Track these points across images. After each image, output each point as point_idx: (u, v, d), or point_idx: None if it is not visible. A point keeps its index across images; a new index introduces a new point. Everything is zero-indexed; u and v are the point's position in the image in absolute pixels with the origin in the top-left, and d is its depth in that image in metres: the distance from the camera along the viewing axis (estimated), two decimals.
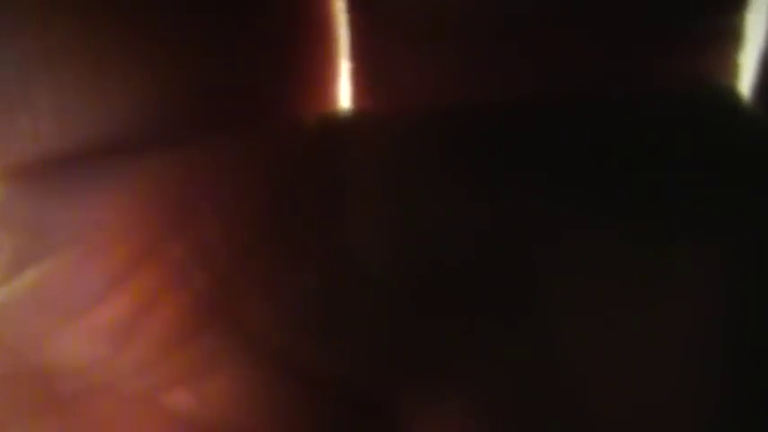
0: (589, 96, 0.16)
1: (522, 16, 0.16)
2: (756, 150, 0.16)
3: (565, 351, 0.15)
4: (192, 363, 0.15)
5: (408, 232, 0.15)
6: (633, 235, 0.15)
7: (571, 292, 0.15)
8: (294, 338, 0.15)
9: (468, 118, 0.16)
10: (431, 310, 0.15)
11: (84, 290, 0.15)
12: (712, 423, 0.15)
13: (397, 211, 0.16)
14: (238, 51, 0.16)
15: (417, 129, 0.16)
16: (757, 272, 0.15)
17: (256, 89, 0.16)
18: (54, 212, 0.16)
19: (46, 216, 0.16)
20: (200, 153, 0.16)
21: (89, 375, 0.15)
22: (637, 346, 0.15)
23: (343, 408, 0.15)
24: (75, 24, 0.15)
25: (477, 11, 0.16)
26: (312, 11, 0.17)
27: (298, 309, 0.15)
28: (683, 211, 0.15)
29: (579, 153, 0.16)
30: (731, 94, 0.17)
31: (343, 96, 0.17)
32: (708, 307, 0.15)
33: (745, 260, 0.15)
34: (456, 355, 0.15)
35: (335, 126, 0.17)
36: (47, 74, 0.15)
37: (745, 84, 0.17)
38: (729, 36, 0.17)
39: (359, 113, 0.17)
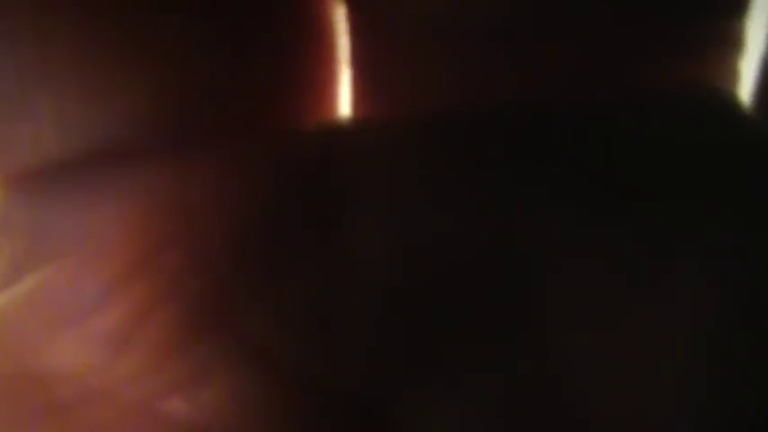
0: (588, 99, 0.16)
1: (521, 20, 0.16)
2: (755, 154, 0.16)
3: (564, 353, 0.15)
4: (189, 369, 0.15)
5: (407, 237, 0.15)
6: (632, 239, 0.15)
7: (570, 294, 0.15)
8: (291, 344, 0.15)
9: (469, 123, 0.16)
10: (429, 313, 0.15)
11: (82, 296, 0.15)
12: (711, 425, 0.15)
13: (397, 216, 0.16)
14: (239, 58, 0.16)
15: (417, 134, 0.16)
16: (757, 274, 0.15)
17: (257, 96, 0.16)
18: (54, 219, 0.16)
19: (45, 223, 0.16)
20: (199, 160, 0.16)
21: (86, 381, 0.15)
22: (637, 349, 0.15)
23: (340, 412, 0.15)
24: (74, 32, 0.15)
25: (476, 17, 0.16)
26: (312, 18, 0.17)
27: (294, 314, 0.15)
28: (683, 215, 0.15)
29: (578, 158, 0.16)
30: (731, 98, 0.17)
31: (344, 103, 0.17)
32: (707, 309, 0.15)
33: (744, 264, 0.15)
34: (454, 357, 0.15)
35: (335, 132, 0.17)
36: (47, 82, 0.15)
37: (745, 89, 0.17)
38: (729, 41, 0.17)
39: (359, 120, 0.17)
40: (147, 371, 0.15)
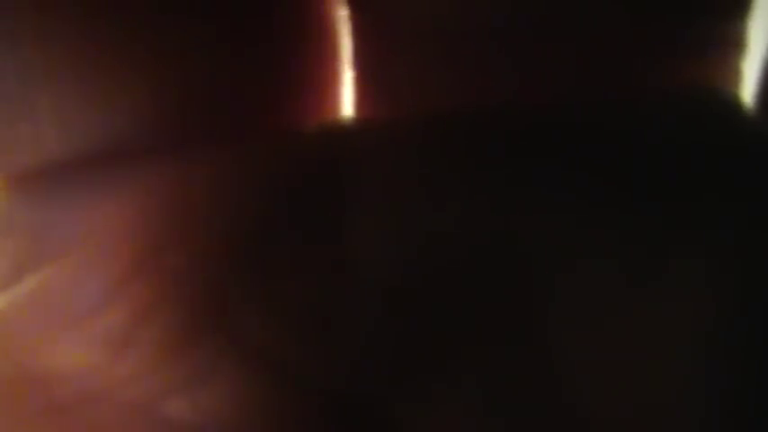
0: (589, 100, 0.16)
1: (522, 21, 0.16)
2: (756, 155, 0.16)
3: (564, 353, 0.15)
4: (189, 370, 0.15)
5: (408, 238, 0.15)
6: (633, 239, 0.15)
7: (571, 294, 0.15)
8: (290, 344, 0.15)
9: (470, 123, 0.16)
10: (429, 313, 0.15)
11: (83, 297, 0.15)
12: (711, 425, 0.15)
13: (397, 216, 0.15)
14: (240, 58, 0.16)
15: (419, 135, 0.16)
16: (758, 275, 0.15)
17: (258, 96, 0.16)
18: (55, 220, 0.16)
19: (47, 223, 0.16)
20: (200, 161, 0.16)
21: (87, 382, 0.15)
22: (637, 349, 0.15)
23: (340, 412, 0.15)
24: (74, 33, 0.15)
25: (478, 17, 0.16)
26: (314, 18, 0.17)
27: (294, 315, 0.15)
28: (683, 215, 0.15)
29: (579, 158, 0.16)
30: (732, 99, 0.17)
31: (346, 103, 0.17)
32: (707, 310, 0.15)
33: (745, 264, 0.15)
34: (454, 357, 0.15)
35: (337, 132, 0.17)
36: (47, 83, 0.15)
37: (748, 90, 0.17)
38: (731, 41, 0.17)
39: (361, 121, 0.17)
40: (148, 372, 0.15)
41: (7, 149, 0.16)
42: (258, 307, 0.15)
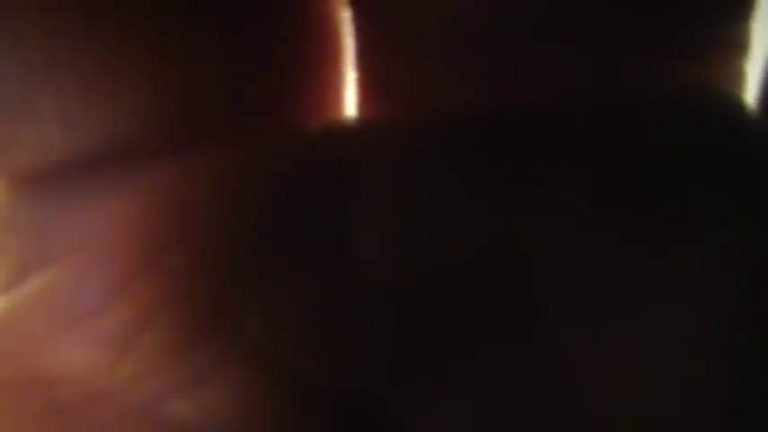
0: (591, 101, 0.16)
1: (525, 23, 0.16)
2: (758, 157, 0.16)
3: (565, 353, 0.15)
4: (191, 371, 0.15)
5: (409, 239, 0.15)
6: (634, 240, 0.15)
7: (572, 294, 0.15)
8: (291, 344, 0.15)
9: (472, 125, 0.16)
10: (430, 314, 0.15)
11: (85, 298, 0.15)
12: (711, 425, 0.15)
13: (399, 216, 0.16)
14: (243, 60, 0.16)
15: (421, 137, 0.16)
16: (759, 276, 0.15)
17: (262, 98, 0.16)
18: (58, 220, 0.16)
19: (50, 224, 0.16)
20: (203, 162, 0.16)
21: (89, 383, 0.15)
22: (637, 349, 0.15)
23: (340, 412, 0.15)
24: (77, 32, 0.15)
25: (481, 19, 0.16)
26: (317, 20, 0.17)
27: (295, 315, 0.15)
28: (684, 216, 0.15)
29: (580, 159, 0.16)
30: (734, 100, 0.17)
31: (349, 105, 0.17)
32: (708, 310, 0.15)
33: (746, 265, 0.15)
34: (455, 358, 0.15)
35: (339, 134, 0.17)
36: (49, 83, 0.15)
37: (750, 92, 0.17)
38: (733, 43, 0.17)
39: (364, 122, 0.17)
40: (150, 373, 0.15)
41: (9, 149, 0.16)
42: (259, 307, 0.15)
